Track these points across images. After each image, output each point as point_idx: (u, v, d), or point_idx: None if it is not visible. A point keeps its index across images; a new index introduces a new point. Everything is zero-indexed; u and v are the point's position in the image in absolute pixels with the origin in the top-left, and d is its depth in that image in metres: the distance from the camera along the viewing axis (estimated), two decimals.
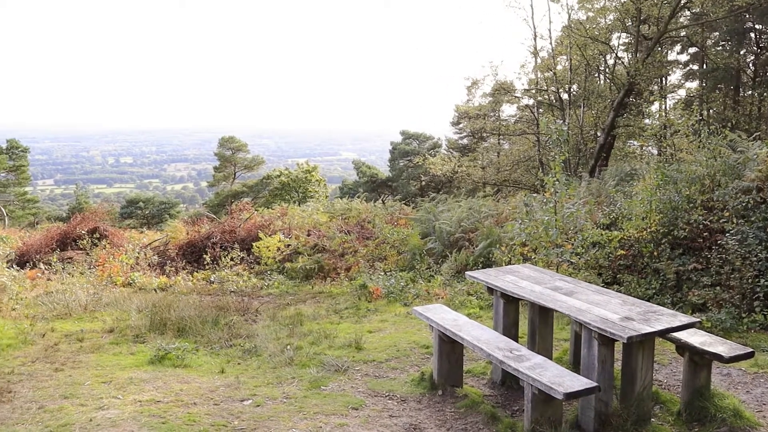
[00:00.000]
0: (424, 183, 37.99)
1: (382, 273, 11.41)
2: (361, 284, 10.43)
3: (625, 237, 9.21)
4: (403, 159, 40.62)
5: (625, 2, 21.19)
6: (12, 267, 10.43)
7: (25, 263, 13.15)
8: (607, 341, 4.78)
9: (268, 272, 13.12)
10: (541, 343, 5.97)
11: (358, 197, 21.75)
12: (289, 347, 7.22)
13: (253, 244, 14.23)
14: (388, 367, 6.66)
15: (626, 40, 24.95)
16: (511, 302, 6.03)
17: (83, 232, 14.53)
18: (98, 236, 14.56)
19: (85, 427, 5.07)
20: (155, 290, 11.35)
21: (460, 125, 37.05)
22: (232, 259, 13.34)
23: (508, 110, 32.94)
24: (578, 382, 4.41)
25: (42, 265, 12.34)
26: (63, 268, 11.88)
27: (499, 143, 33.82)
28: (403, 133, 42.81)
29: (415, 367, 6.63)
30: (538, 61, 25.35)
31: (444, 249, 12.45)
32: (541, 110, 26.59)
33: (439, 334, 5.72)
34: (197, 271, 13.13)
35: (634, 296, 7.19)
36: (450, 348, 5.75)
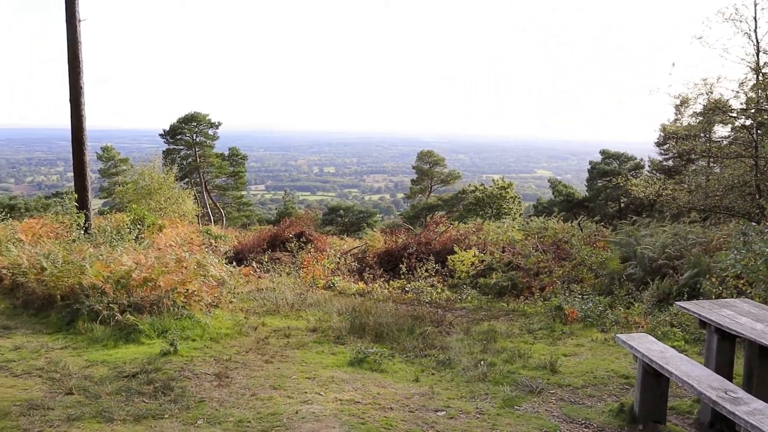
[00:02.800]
0: (623, 205, 36.33)
1: (579, 296, 11.08)
2: (557, 305, 10.19)
3: None
4: (601, 179, 39.13)
5: None
6: (232, 263, 11.41)
7: (240, 260, 14.32)
8: None
9: (461, 286, 13.24)
10: (759, 387, 5.49)
11: (555, 216, 21.30)
12: (482, 362, 7.24)
13: (448, 257, 14.44)
14: (584, 393, 6.45)
15: None
16: (727, 339, 5.61)
17: (291, 235, 15.57)
18: (304, 240, 15.53)
19: (292, 418, 5.43)
20: (354, 295, 11.87)
21: (666, 146, 35.00)
22: (426, 271, 13.62)
23: (721, 131, 30.52)
24: None
25: (254, 264, 13.38)
26: (273, 268, 12.79)
27: (708, 166, 31.47)
28: (602, 152, 41.29)
29: (613, 396, 6.37)
30: (760, 78, 23.28)
31: (645, 275, 11.83)
32: (760, 131, 24.36)
33: (644, 365, 5.45)
34: (393, 280, 13.57)
35: None
36: (654, 381, 5.46)
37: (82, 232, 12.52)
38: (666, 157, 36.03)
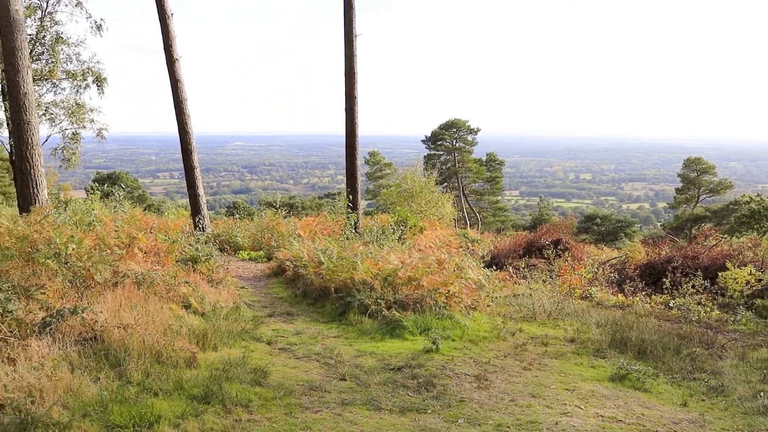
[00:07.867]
0: None
1: None
2: None
3: None
4: None
5: None
6: (490, 267, 11.62)
7: (496, 265, 14.49)
8: None
9: (734, 306, 12.11)
10: None
11: None
12: (762, 394, 6.58)
13: (718, 273, 13.29)
14: None
15: None
16: None
17: (547, 242, 15.40)
18: (561, 248, 15.27)
19: (552, 429, 5.40)
20: (612, 307, 11.44)
21: None
22: (693, 287, 12.65)
23: None
24: None
25: (510, 269, 13.45)
26: (529, 274, 12.76)
27: None
28: None
29: None
30: None
31: None
32: None
33: None
34: (655, 294, 12.82)
35: None
36: None
37: (354, 231, 13.55)
38: None
